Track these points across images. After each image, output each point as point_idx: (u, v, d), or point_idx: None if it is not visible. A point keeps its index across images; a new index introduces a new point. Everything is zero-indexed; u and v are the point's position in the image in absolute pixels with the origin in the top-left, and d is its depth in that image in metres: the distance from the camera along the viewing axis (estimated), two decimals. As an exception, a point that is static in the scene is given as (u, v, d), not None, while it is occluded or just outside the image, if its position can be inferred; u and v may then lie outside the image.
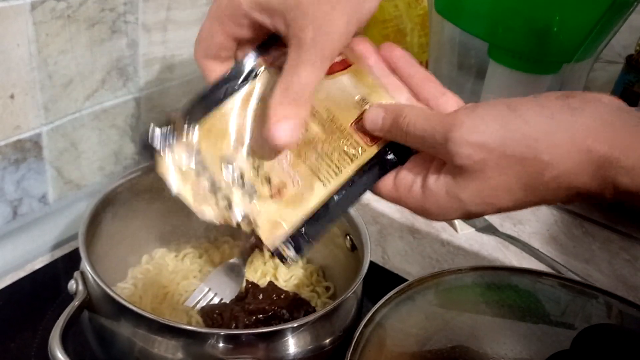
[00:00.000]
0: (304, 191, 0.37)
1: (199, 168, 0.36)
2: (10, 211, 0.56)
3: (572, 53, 0.67)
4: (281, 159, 0.37)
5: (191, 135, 0.36)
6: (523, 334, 0.47)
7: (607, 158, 0.31)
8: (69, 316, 0.40)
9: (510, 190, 0.33)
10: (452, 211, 0.35)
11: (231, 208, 0.36)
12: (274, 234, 0.36)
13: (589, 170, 0.31)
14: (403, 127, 0.35)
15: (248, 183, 0.36)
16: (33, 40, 0.50)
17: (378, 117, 0.36)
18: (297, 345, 0.42)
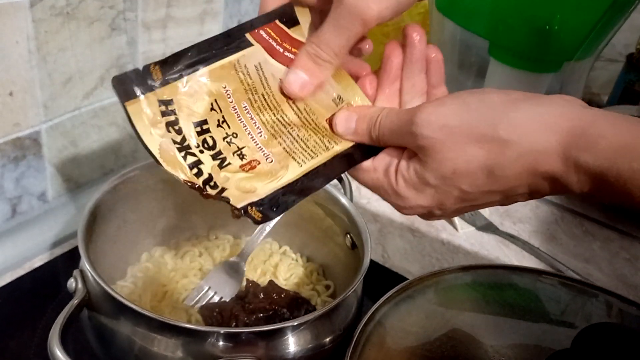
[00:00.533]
0: (279, 168, 0.36)
1: (171, 122, 0.34)
2: (10, 209, 0.55)
3: (572, 52, 0.67)
4: (255, 136, 0.36)
5: (168, 89, 0.35)
6: (523, 333, 0.47)
7: (570, 135, 0.30)
8: (68, 314, 0.39)
9: (470, 173, 0.33)
10: (419, 197, 0.35)
11: (199, 168, 0.35)
12: (243, 198, 0.34)
13: (553, 151, 0.30)
14: (376, 129, 0.36)
15: (219, 151, 0.35)
16: (32, 38, 0.50)
17: (350, 121, 0.37)
18: (297, 343, 0.41)
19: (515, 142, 0.31)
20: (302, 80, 0.37)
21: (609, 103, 0.91)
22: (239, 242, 0.59)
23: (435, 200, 0.35)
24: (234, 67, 0.37)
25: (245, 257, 0.53)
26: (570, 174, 0.30)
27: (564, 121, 0.30)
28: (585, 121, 0.30)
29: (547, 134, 0.31)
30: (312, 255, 0.58)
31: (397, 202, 0.37)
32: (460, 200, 0.34)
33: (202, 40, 0.36)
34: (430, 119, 0.33)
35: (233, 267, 0.53)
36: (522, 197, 0.34)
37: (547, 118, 0.31)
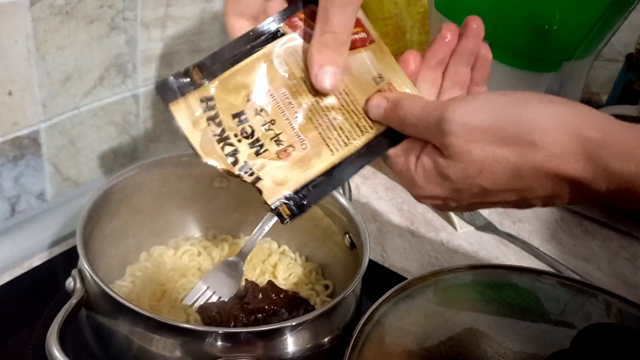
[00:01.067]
0: (312, 156, 0.37)
1: (211, 116, 0.37)
2: (8, 208, 0.55)
3: (572, 51, 0.67)
4: (292, 121, 0.38)
5: (207, 87, 0.37)
6: (522, 333, 0.47)
7: (598, 142, 0.30)
8: (67, 314, 0.39)
9: (495, 173, 0.33)
10: (438, 188, 0.35)
11: (236, 157, 0.37)
12: (275, 192, 0.37)
13: (579, 156, 0.30)
14: (400, 116, 0.36)
15: (256, 139, 0.37)
16: (31, 37, 0.50)
17: (380, 106, 0.38)
18: (296, 343, 0.41)
19: (542, 146, 0.31)
20: (332, 73, 0.37)
21: (609, 102, 0.91)
22: (238, 241, 0.59)
23: (452, 194, 0.35)
24: (269, 58, 0.38)
25: (244, 257, 0.53)
26: (599, 179, 0.30)
27: (592, 129, 0.31)
28: (614, 131, 0.30)
29: (574, 140, 0.31)
30: (311, 255, 0.58)
31: (413, 190, 0.37)
32: (477, 196, 0.35)
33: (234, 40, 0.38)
34: (461, 119, 0.33)
35: (232, 266, 0.52)
36: (540, 200, 0.34)
37: (576, 125, 0.31)
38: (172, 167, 0.54)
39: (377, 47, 0.40)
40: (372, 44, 0.40)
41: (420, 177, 0.36)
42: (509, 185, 0.33)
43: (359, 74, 0.39)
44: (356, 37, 0.39)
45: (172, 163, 0.54)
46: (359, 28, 0.40)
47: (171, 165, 0.54)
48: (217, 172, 0.55)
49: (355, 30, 0.39)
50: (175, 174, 0.54)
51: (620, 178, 0.30)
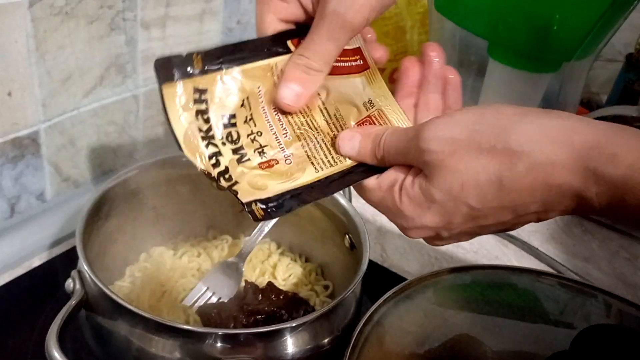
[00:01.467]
0: (295, 171, 0.36)
1: (201, 110, 0.36)
2: (8, 208, 0.55)
3: (572, 51, 0.66)
4: (279, 137, 0.37)
5: (205, 79, 0.36)
6: (522, 333, 0.47)
7: (585, 148, 0.29)
8: (66, 315, 0.39)
9: (479, 185, 0.31)
10: (424, 213, 0.33)
11: (217, 160, 0.35)
12: (250, 193, 0.35)
13: (568, 162, 0.29)
14: (380, 149, 0.35)
15: (240, 146, 0.36)
16: (31, 36, 0.50)
17: (354, 140, 0.37)
18: (295, 344, 0.41)
19: (526, 153, 0.30)
20: (296, 93, 0.36)
21: (609, 102, 0.91)
22: (238, 242, 0.58)
23: (441, 220, 0.33)
24: (270, 70, 0.38)
25: (244, 257, 0.53)
26: (589, 186, 0.29)
27: (576, 134, 0.29)
28: (599, 135, 0.29)
29: (559, 147, 0.29)
30: (311, 256, 0.58)
31: (402, 223, 0.35)
32: (468, 219, 0.33)
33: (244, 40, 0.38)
34: (438, 133, 0.32)
35: (231, 267, 0.52)
36: (534, 215, 0.32)
37: (558, 130, 0.30)
38: (172, 167, 0.54)
39: (371, 74, 0.39)
40: (367, 70, 0.40)
41: (407, 206, 0.34)
42: (497, 201, 0.31)
43: (350, 98, 0.38)
44: (352, 64, 0.39)
45: (172, 164, 0.54)
46: (357, 56, 0.39)
47: (171, 166, 0.54)
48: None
49: (354, 58, 0.39)
50: (175, 175, 0.54)
51: (610, 183, 0.28)
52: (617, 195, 0.28)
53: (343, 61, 0.39)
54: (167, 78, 0.35)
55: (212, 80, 0.36)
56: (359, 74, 0.39)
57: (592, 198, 0.29)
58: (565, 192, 0.30)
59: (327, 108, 0.38)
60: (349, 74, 0.39)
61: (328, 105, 0.38)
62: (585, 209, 0.30)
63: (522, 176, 0.30)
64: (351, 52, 0.39)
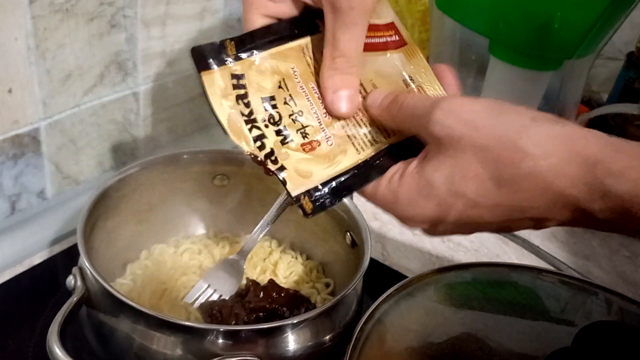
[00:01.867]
0: (337, 152, 0.37)
1: (241, 95, 0.36)
2: (9, 206, 0.55)
3: (573, 49, 0.66)
4: (320, 116, 0.37)
5: (241, 64, 0.36)
6: (523, 331, 0.47)
7: (593, 160, 0.29)
8: (68, 312, 0.39)
9: (480, 178, 0.31)
10: (422, 200, 0.33)
11: (262, 142, 0.36)
12: (298, 184, 0.36)
13: (574, 172, 0.29)
14: (397, 104, 0.35)
15: (283, 126, 0.37)
16: (31, 34, 0.50)
17: (380, 95, 0.37)
18: (297, 341, 0.41)
19: (531, 156, 0.29)
20: (348, 96, 0.36)
21: (609, 101, 0.91)
22: (239, 240, 0.58)
23: (438, 209, 0.33)
24: (302, 50, 0.38)
25: (245, 255, 0.53)
26: (594, 199, 0.29)
27: (583, 145, 0.29)
28: (607, 148, 0.29)
29: (566, 156, 0.29)
30: (312, 253, 0.58)
31: (398, 212, 0.35)
32: (465, 211, 0.32)
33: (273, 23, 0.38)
34: (456, 109, 0.32)
35: (233, 265, 0.52)
36: (531, 222, 0.32)
37: (567, 139, 0.30)
38: (173, 165, 0.54)
39: (409, 50, 0.39)
40: (404, 46, 0.39)
41: (405, 193, 0.34)
42: (497, 198, 0.31)
43: (389, 75, 0.38)
44: (388, 39, 0.39)
45: (172, 161, 0.54)
46: (391, 31, 0.39)
47: (172, 164, 0.54)
48: (217, 170, 0.56)
49: (389, 33, 0.39)
50: (175, 172, 0.54)
51: (615, 197, 0.28)
52: (623, 210, 0.28)
53: (377, 37, 0.38)
54: (204, 66, 0.35)
55: (247, 65, 0.36)
56: (396, 50, 0.39)
57: (595, 211, 0.29)
58: (567, 202, 0.30)
59: (364, 84, 0.38)
60: (385, 49, 0.38)
61: (365, 83, 0.38)
62: (586, 221, 0.30)
63: (523, 178, 0.30)
64: (384, 27, 0.39)
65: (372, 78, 0.38)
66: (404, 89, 0.38)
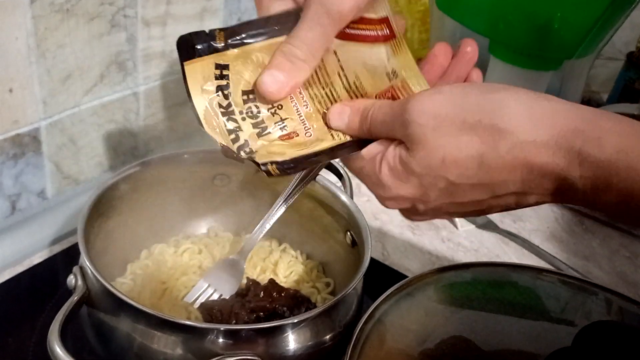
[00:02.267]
0: (313, 141, 0.37)
1: (222, 86, 0.36)
2: (9, 206, 0.55)
3: (573, 49, 0.67)
4: (300, 109, 0.37)
5: (226, 54, 0.36)
6: (523, 331, 0.47)
7: (570, 128, 0.29)
8: (68, 311, 0.39)
9: (460, 161, 0.31)
10: (402, 184, 0.33)
11: (237, 135, 0.36)
12: (269, 157, 0.36)
13: (551, 142, 0.29)
14: (367, 121, 0.35)
15: (261, 120, 0.37)
16: (32, 34, 0.50)
17: (344, 114, 0.36)
18: (297, 341, 0.41)
19: (510, 131, 0.29)
20: (279, 81, 0.36)
21: (609, 101, 0.91)
22: (239, 239, 0.58)
23: (418, 191, 0.33)
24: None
25: (245, 255, 0.53)
26: (573, 168, 0.29)
27: (561, 116, 0.29)
28: (585, 118, 0.29)
29: (543, 127, 0.29)
30: (312, 253, 0.58)
31: (379, 192, 0.35)
32: (445, 194, 0.33)
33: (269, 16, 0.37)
34: (423, 107, 0.32)
35: (233, 264, 0.52)
36: (513, 197, 0.32)
37: (544, 111, 0.30)
38: (173, 165, 0.54)
39: (397, 44, 0.39)
40: (393, 39, 0.39)
41: (386, 176, 0.34)
42: (477, 178, 0.31)
43: (372, 68, 0.38)
44: (378, 33, 0.38)
45: (172, 161, 0.54)
46: (383, 24, 0.39)
47: (172, 163, 0.54)
48: (218, 170, 0.56)
49: (380, 27, 0.38)
50: (176, 172, 0.54)
51: (595, 166, 0.28)
52: (602, 178, 0.28)
53: (368, 29, 0.38)
54: (189, 55, 0.35)
55: (234, 56, 0.36)
56: (384, 43, 0.39)
57: (575, 180, 0.29)
58: (546, 173, 0.29)
59: (347, 76, 0.38)
60: (373, 42, 0.38)
61: (348, 73, 0.38)
62: (566, 193, 0.30)
63: (504, 154, 0.30)
64: (377, 21, 0.38)
65: (357, 70, 0.38)
66: (386, 82, 0.38)
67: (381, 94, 0.38)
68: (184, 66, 0.35)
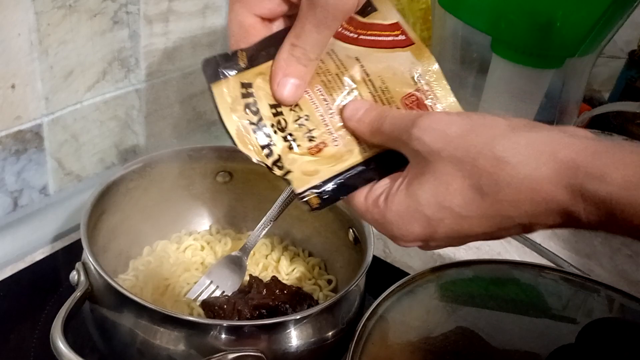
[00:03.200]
0: (343, 152, 0.37)
1: (249, 103, 0.36)
2: (11, 202, 0.55)
3: (575, 47, 0.66)
4: (326, 118, 0.37)
5: (249, 72, 0.37)
6: (524, 328, 0.47)
7: (574, 164, 0.28)
8: (71, 307, 0.39)
9: (462, 191, 0.31)
10: (410, 219, 0.33)
11: (270, 149, 0.36)
12: (304, 181, 0.36)
13: (553, 177, 0.29)
14: (381, 120, 0.35)
15: (289, 133, 0.37)
16: (34, 30, 0.50)
17: (360, 108, 0.37)
18: (300, 337, 0.41)
19: (510, 164, 0.30)
20: (295, 85, 0.36)
21: (610, 100, 0.91)
22: (241, 236, 0.58)
23: (427, 227, 0.33)
24: None
25: (248, 252, 0.53)
26: (576, 202, 0.28)
27: (562, 149, 0.29)
28: (587, 151, 0.29)
29: (545, 162, 0.29)
30: (314, 250, 0.58)
31: (389, 232, 0.35)
32: (453, 225, 0.32)
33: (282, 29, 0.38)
34: (433, 125, 0.32)
35: (235, 261, 0.52)
36: (520, 228, 0.31)
37: (544, 144, 0.30)
38: (176, 161, 0.54)
39: (418, 49, 0.39)
40: (412, 45, 0.39)
41: (392, 214, 0.34)
42: (482, 209, 0.31)
43: (398, 72, 0.38)
44: (394, 38, 0.39)
45: (175, 158, 0.54)
46: (397, 31, 0.39)
47: (174, 160, 0.54)
48: (220, 167, 0.56)
49: (394, 33, 0.39)
50: (178, 169, 0.54)
51: (598, 201, 0.28)
52: (606, 214, 0.28)
53: (384, 35, 0.39)
54: (215, 77, 0.36)
55: (256, 72, 0.37)
56: (403, 49, 0.39)
57: (580, 214, 0.29)
58: (551, 208, 0.29)
59: (372, 81, 0.38)
60: (393, 47, 0.39)
61: (373, 78, 0.38)
62: (572, 223, 0.30)
63: (505, 187, 0.30)
64: (389, 27, 0.39)
65: (383, 74, 0.38)
66: (412, 86, 0.38)
67: (406, 98, 0.38)
68: (212, 88, 0.36)
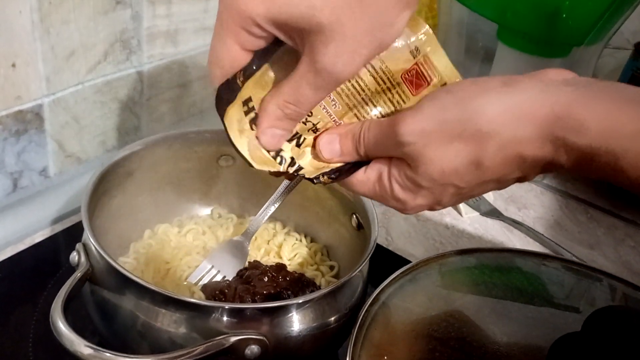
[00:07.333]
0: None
1: (253, 119, 0.36)
2: (11, 184, 0.55)
3: (582, 37, 0.66)
4: (329, 109, 0.37)
5: (246, 88, 0.36)
6: (527, 316, 0.46)
7: (552, 119, 0.30)
8: (71, 287, 0.39)
9: (457, 170, 0.33)
10: (421, 198, 0.36)
11: (281, 156, 0.37)
12: (316, 172, 0.38)
13: (535, 134, 0.31)
14: (362, 147, 0.36)
15: (295, 132, 0.37)
16: (36, 9, 0.49)
17: (334, 143, 0.37)
18: (302, 321, 0.41)
19: (495, 133, 0.31)
20: (277, 135, 0.36)
21: (615, 91, 0.90)
22: (243, 221, 0.58)
23: (432, 199, 0.36)
24: (296, 53, 0.37)
25: (250, 237, 0.52)
26: (560, 153, 0.31)
27: (540, 107, 0.31)
28: (563, 105, 0.30)
29: (525, 123, 0.31)
30: (317, 236, 0.58)
31: (398, 206, 0.37)
32: (456, 195, 0.35)
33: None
34: (410, 127, 0.34)
35: (237, 246, 0.52)
36: (516, 180, 0.35)
37: (522, 106, 0.31)
38: (177, 144, 0.53)
39: (413, 20, 0.38)
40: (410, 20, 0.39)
41: (399, 192, 0.36)
42: (480, 179, 0.34)
43: (397, 49, 0.38)
44: None
45: (177, 140, 0.53)
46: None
47: (176, 143, 0.53)
48: (223, 150, 0.56)
49: None
50: (180, 152, 0.54)
51: (578, 151, 0.30)
52: (585, 161, 0.30)
53: None
54: (223, 107, 0.36)
55: (252, 84, 0.36)
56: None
57: (562, 162, 0.31)
58: (538, 162, 0.32)
59: (373, 63, 0.38)
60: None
61: (373, 60, 0.37)
62: (555, 169, 0.33)
63: (495, 154, 0.32)
64: None
65: (382, 54, 0.37)
66: (411, 60, 0.38)
67: (406, 72, 0.38)
68: (223, 120, 0.36)
